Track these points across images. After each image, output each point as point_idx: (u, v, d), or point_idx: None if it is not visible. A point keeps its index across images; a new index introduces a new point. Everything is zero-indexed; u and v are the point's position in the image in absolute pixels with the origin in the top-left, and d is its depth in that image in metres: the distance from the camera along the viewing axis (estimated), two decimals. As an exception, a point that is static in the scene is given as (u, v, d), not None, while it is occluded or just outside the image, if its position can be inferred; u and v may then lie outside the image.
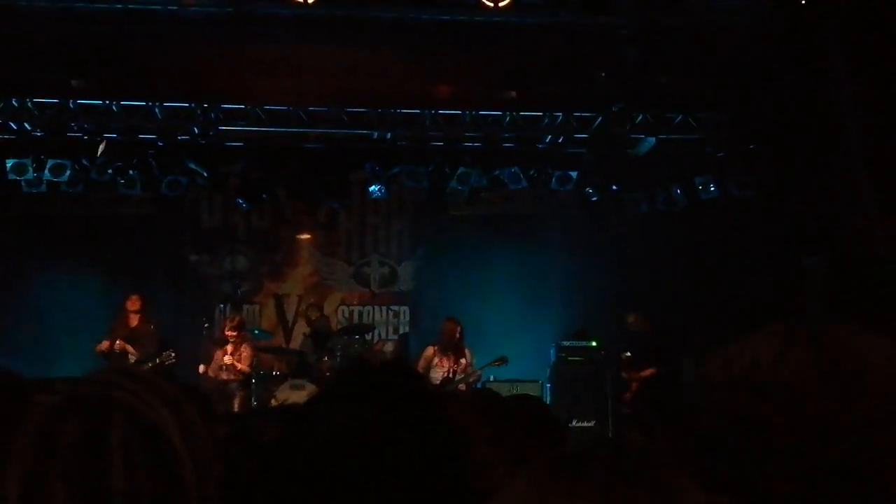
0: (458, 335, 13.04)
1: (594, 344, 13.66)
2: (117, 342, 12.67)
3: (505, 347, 13.61)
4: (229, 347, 12.94)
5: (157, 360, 12.27)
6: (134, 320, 13.00)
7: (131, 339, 12.83)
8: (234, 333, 13.04)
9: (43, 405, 1.67)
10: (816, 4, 9.76)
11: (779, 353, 1.71)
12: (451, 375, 12.76)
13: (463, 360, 12.85)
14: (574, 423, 12.82)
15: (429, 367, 12.70)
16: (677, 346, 12.93)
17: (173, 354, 12.46)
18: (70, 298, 14.07)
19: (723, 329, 13.27)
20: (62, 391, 1.70)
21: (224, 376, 12.83)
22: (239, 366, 12.88)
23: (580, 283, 14.72)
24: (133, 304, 13.06)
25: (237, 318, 13.52)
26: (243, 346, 13.06)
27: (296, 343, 15.15)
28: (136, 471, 1.60)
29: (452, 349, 12.90)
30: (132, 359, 12.53)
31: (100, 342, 12.79)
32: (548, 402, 12.07)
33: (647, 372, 12.87)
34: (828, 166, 11.34)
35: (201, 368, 13.03)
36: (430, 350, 13.05)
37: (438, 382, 12.52)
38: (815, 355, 1.68)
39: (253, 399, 12.98)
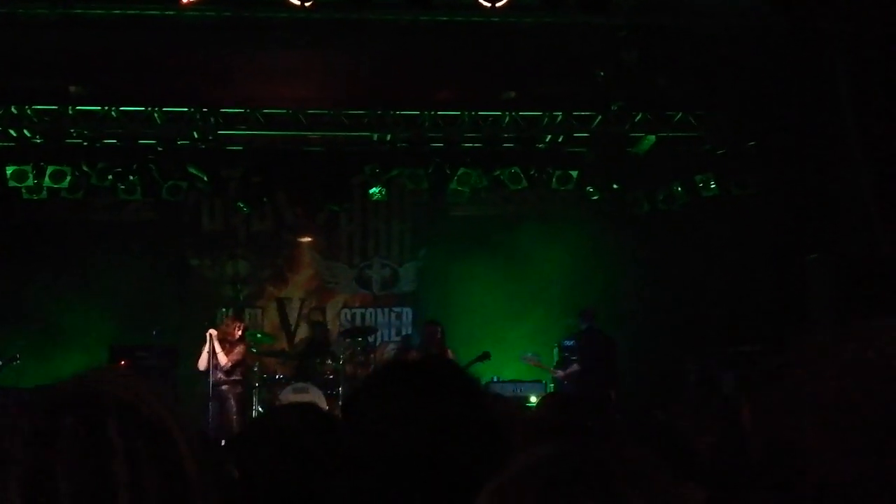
0: (439, 337, 13.02)
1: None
2: None
3: (508, 348, 13.61)
4: (220, 345, 12.79)
5: None
6: None
7: None
8: (240, 334, 12.98)
9: (35, 406, 1.65)
10: (815, 2, 9.75)
11: None
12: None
13: None
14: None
15: None
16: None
17: None
18: (72, 305, 14.07)
19: (725, 328, 13.29)
20: (54, 391, 1.68)
21: (219, 376, 12.74)
22: (234, 372, 12.77)
23: (582, 282, 14.69)
24: None
25: (244, 326, 13.42)
26: (238, 347, 12.95)
27: (298, 347, 15.15)
28: (139, 462, 1.58)
29: (435, 352, 12.77)
30: None
31: None
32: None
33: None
34: (829, 163, 11.33)
35: (201, 365, 12.85)
36: (412, 356, 12.90)
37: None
38: None
39: (257, 403, 12.99)
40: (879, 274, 8.48)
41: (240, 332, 12.99)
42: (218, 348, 12.66)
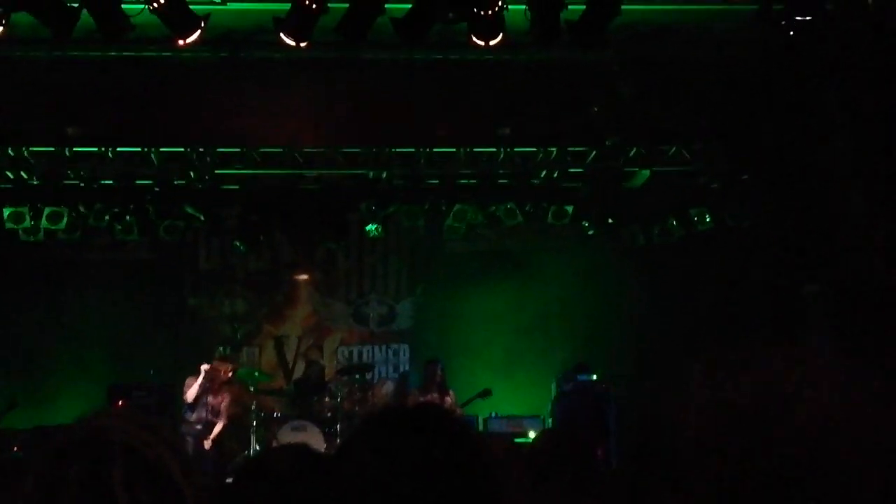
0: (440, 375, 13.06)
1: (595, 377, 13.63)
2: None
3: (505, 383, 13.59)
4: (209, 384, 12.83)
5: None
6: None
7: None
8: (231, 376, 13.05)
9: (43, 452, 1.66)
10: (805, 33, 9.81)
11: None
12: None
13: (448, 399, 12.81)
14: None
15: None
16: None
17: None
18: (70, 344, 14.05)
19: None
20: (60, 437, 1.69)
21: (204, 415, 12.76)
22: (221, 415, 12.85)
23: (579, 316, 14.71)
24: None
25: (234, 368, 13.46)
26: (226, 392, 13.01)
27: (295, 385, 15.11)
28: None
29: (436, 390, 12.87)
30: None
31: None
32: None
33: None
34: (823, 193, 11.36)
35: (189, 397, 12.89)
36: (413, 396, 13.05)
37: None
38: None
39: (255, 442, 12.95)
40: (878, 302, 8.50)
41: (229, 374, 13.02)
42: (196, 389, 12.66)
